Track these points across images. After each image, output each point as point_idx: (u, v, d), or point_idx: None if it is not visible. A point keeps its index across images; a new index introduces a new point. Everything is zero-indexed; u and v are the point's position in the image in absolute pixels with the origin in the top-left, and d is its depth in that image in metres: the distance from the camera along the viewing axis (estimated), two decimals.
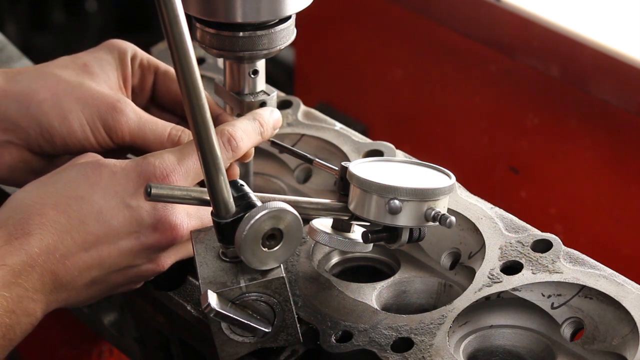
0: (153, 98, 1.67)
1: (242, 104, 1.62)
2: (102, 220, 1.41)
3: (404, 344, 1.45)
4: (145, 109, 1.62)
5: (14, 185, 1.60)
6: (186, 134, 1.55)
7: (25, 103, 1.54)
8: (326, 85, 2.96)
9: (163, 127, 1.56)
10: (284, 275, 1.41)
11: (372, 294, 1.55)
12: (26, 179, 1.51)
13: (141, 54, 1.64)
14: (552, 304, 1.48)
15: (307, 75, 3.02)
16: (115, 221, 1.42)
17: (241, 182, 1.43)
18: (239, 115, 1.62)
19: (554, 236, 1.54)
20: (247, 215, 1.38)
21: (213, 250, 1.45)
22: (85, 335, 2.19)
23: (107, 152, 1.53)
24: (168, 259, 1.48)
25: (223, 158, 1.39)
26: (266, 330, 1.42)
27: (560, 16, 2.32)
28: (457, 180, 1.51)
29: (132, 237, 1.43)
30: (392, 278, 1.58)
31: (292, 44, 1.59)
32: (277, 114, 1.58)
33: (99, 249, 1.41)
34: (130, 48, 1.63)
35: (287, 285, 1.41)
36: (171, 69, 1.65)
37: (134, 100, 1.61)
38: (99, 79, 1.58)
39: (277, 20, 1.55)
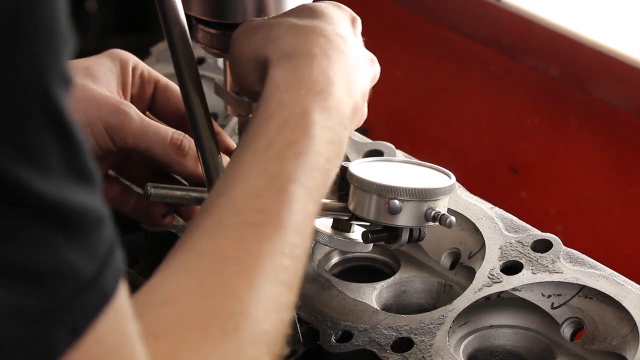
0: (151, 109, 1.67)
1: (242, 104, 1.61)
2: None
3: (404, 344, 1.44)
4: None
5: None
6: (187, 140, 1.55)
7: None
8: None
9: (165, 131, 1.56)
10: None
11: (372, 294, 1.54)
12: None
13: (142, 65, 1.64)
14: (552, 304, 1.48)
15: None
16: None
17: None
18: (239, 115, 1.61)
19: (554, 236, 1.54)
20: None
21: None
22: None
23: (106, 157, 1.53)
24: None
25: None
26: None
27: (560, 16, 2.32)
28: (457, 180, 1.51)
29: None
30: (392, 278, 1.58)
31: None
32: None
33: None
34: (132, 58, 1.64)
35: None
36: (171, 83, 1.65)
37: None
38: (100, 82, 1.58)
39: None
